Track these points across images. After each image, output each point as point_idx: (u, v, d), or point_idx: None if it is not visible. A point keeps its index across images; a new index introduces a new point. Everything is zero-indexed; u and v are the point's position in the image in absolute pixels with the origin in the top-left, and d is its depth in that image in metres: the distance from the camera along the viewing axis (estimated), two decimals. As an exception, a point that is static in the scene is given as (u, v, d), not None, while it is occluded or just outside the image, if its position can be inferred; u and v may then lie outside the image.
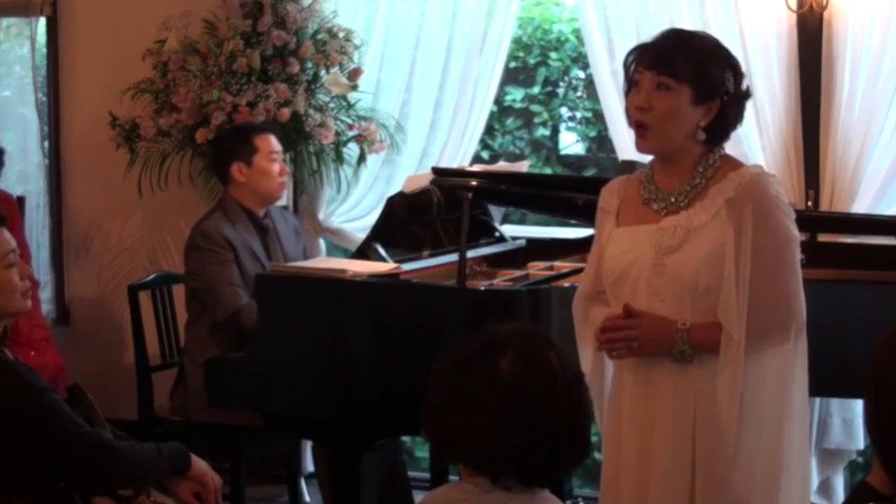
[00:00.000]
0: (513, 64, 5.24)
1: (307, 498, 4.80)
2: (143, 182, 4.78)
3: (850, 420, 4.33)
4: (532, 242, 4.40)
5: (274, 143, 4.25)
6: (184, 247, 4.25)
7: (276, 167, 4.23)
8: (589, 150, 5.48)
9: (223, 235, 4.12)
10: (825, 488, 4.40)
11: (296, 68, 4.61)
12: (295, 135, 4.59)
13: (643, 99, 2.62)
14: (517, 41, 5.22)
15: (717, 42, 2.70)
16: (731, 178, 2.62)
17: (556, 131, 5.46)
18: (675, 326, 2.60)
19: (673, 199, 2.66)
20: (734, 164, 2.68)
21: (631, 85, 2.67)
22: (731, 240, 2.57)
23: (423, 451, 5.07)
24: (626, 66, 2.68)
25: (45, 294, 5.34)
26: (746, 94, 2.69)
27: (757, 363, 2.58)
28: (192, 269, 4.17)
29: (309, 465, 4.92)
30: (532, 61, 5.32)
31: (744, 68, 2.73)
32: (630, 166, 4.09)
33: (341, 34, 4.70)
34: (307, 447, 4.84)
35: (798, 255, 2.64)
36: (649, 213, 2.68)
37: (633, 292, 2.66)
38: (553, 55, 5.30)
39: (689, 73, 2.59)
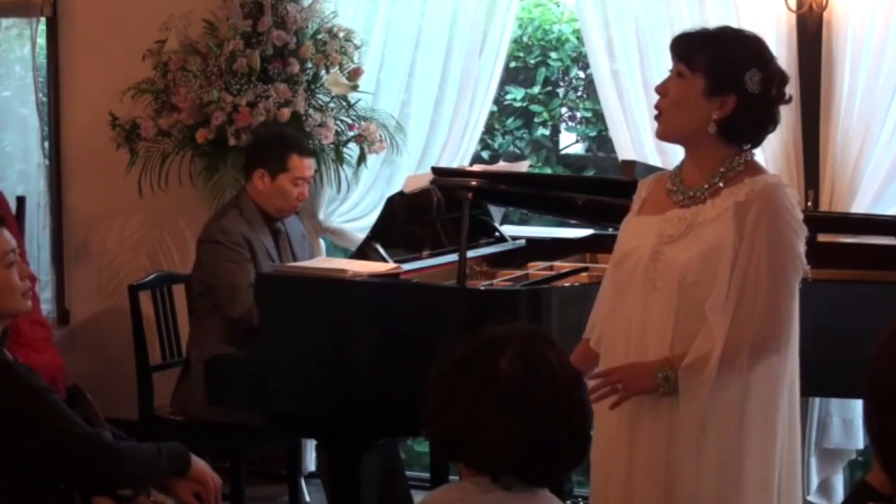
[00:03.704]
0: (513, 64, 5.25)
1: (307, 498, 4.80)
2: (143, 182, 4.78)
3: (849, 420, 4.33)
4: (532, 242, 4.40)
5: (307, 169, 4.24)
6: (198, 239, 4.23)
7: (296, 191, 4.22)
8: (589, 150, 5.48)
9: (242, 234, 4.12)
10: (825, 488, 4.41)
11: (296, 68, 4.61)
12: (295, 135, 4.59)
13: (661, 85, 2.70)
14: (517, 41, 5.22)
15: (754, 42, 2.69)
16: (746, 184, 2.62)
17: (556, 131, 5.47)
18: (653, 360, 2.60)
19: (691, 194, 2.69)
20: (756, 170, 2.68)
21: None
22: (730, 242, 2.58)
23: (423, 451, 5.07)
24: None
25: (46, 294, 5.34)
26: (775, 99, 2.68)
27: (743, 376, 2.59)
28: (207, 264, 4.14)
29: (309, 465, 4.92)
30: (532, 61, 5.32)
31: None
32: (630, 166, 4.09)
33: (341, 34, 4.70)
34: (307, 447, 4.84)
35: (796, 274, 2.61)
36: (668, 203, 2.72)
37: (631, 277, 2.70)
38: (553, 55, 5.30)
39: (704, 64, 2.62)
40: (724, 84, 2.62)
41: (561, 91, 5.39)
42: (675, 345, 2.61)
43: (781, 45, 4.29)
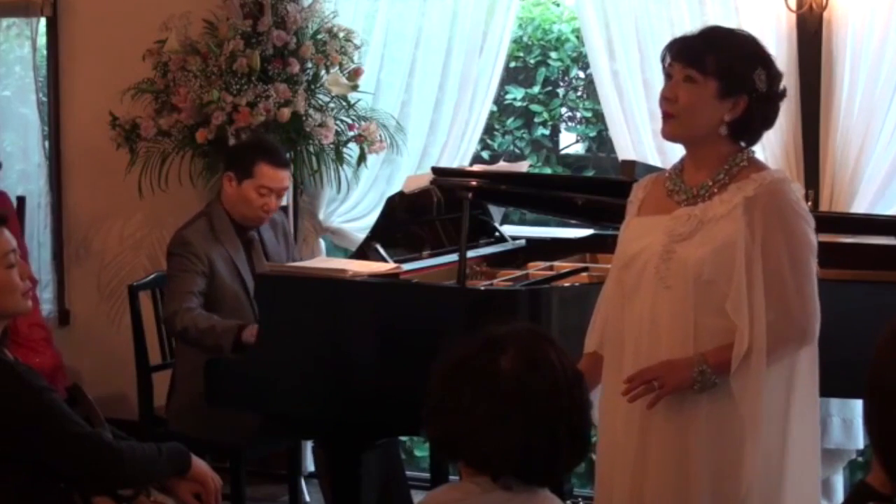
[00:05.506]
0: (513, 64, 5.25)
1: (307, 498, 4.81)
2: (143, 182, 4.78)
3: (849, 420, 4.33)
4: (532, 242, 4.40)
5: (277, 181, 4.11)
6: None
7: (260, 201, 4.11)
8: (589, 150, 5.48)
9: (203, 249, 4.06)
10: (825, 488, 4.40)
11: (296, 68, 4.61)
12: (295, 135, 4.59)
13: (670, 90, 2.69)
14: (517, 41, 5.22)
15: (753, 41, 2.72)
16: (753, 179, 2.64)
17: (556, 131, 5.47)
18: (687, 357, 2.60)
19: (695, 192, 2.70)
20: (760, 166, 2.71)
21: (666, 77, 2.72)
22: (742, 238, 2.59)
23: (423, 451, 5.07)
24: (662, 60, 2.72)
25: (46, 294, 5.34)
26: (779, 96, 2.71)
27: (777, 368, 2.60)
28: (167, 275, 4.15)
29: (309, 465, 4.92)
30: (532, 61, 5.32)
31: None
32: (630, 166, 4.09)
33: (341, 34, 4.70)
34: (307, 447, 4.84)
35: (813, 261, 2.64)
36: (671, 203, 2.73)
37: (640, 278, 2.69)
38: (553, 55, 5.30)
39: (716, 67, 2.63)
40: (737, 85, 2.64)
41: (561, 91, 5.39)
42: (696, 344, 2.61)
43: (781, 45, 4.29)
